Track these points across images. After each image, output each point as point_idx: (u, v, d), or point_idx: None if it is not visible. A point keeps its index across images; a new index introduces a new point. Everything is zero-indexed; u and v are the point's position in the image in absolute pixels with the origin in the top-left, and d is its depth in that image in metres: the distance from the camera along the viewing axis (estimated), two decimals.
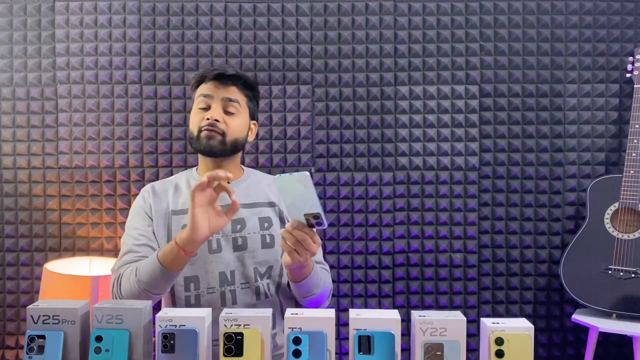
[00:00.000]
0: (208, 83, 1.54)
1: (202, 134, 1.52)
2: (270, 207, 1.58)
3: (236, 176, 1.61)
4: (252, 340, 1.05)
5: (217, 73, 1.53)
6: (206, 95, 1.53)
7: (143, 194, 1.61)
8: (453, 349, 1.04)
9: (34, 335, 1.07)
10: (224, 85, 1.54)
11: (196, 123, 1.54)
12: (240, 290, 1.51)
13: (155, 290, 1.37)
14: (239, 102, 1.55)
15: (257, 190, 1.60)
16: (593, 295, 2.04)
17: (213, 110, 1.52)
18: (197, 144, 1.54)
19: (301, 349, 1.04)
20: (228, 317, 1.07)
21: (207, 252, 1.50)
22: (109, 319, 1.08)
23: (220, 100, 1.53)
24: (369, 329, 1.05)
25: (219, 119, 1.51)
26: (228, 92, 1.54)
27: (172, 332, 1.05)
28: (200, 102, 1.54)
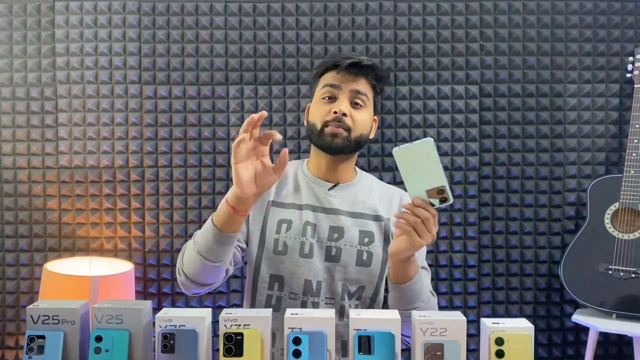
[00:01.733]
0: (337, 72, 1.39)
1: (327, 129, 1.39)
2: (376, 222, 1.44)
3: (348, 178, 1.49)
4: (252, 340, 1.05)
5: (351, 62, 1.38)
6: (333, 86, 1.40)
7: None
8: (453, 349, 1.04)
9: (34, 336, 1.07)
10: (354, 76, 1.40)
11: (321, 115, 1.40)
12: (323, 305, 1.39)
13: (213, 257, 1.25)
14: (367, 95, 1.42)
15: (365, 198, 1.46)
16: (593, 295, 2.04)
17: (340, 103, 1.39)
18: (319, 140, 1.41)
19: (301, 349, 1.04)
20: (228, 317, 1.06)
21: (297, 254, 1.40)
22: (109, 319, 1.08)
23: (348, 92, 1.40)
24: (369, 329, 1.05)
25: (346, 112, 1.38)
26: (357, 84, 1.40)
27: (172, 332, 1.05)
28: (326, 92, 1.41)
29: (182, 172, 2.27)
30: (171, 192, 2.27)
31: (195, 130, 2.27)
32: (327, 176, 1.47)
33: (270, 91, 2.27)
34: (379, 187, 1.53)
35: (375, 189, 1.51)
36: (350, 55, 1.41)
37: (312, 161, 1.50)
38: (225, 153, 2.27)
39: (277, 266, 1.40)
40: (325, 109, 1.40)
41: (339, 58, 1.40)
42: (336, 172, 1.46)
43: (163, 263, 2.27)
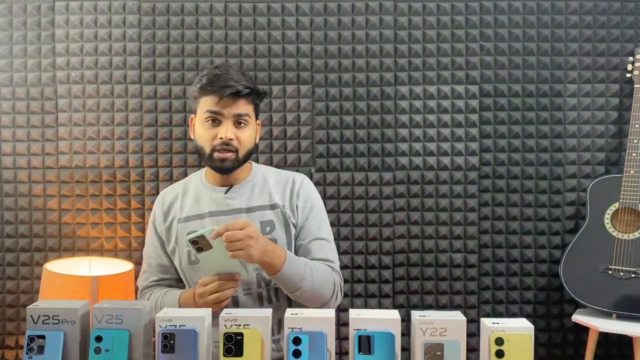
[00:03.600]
0: (217, 99, 1.47)
1: (215, 154, 1.48)
2: (273, 210, 1.54)
3: (241, 178, 1.58)
4: (252, 340, 1.05)
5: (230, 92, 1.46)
6: (215, 112, 1.48)
7: (155, 208, 1.62)
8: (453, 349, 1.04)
9: (34, 335, 1.07)
10: (234, 101, 1.47)
11: (207, 140, 1.49)
12: (242, 297, 1.50)
13: None
14: (248, 114, 1.51)
15: (261, 191, 1.57)
16: (593, 295, 2.04)
17: (225, 130, 1.47)
18: (210, 162, 1.51)
19: (301, 349, 1.04)
20: (228, 317, 1.07)
21: None
22: (109, 319, 1.08)
23: (231, 117, 1.48)
24: (369, 329, 1.05)
25: (232, 137, 1.47)
26: (238, 108, 1.48)
27: (172, 332, 1.05)
28: (209, 116, 1.49)
29: (182, 172, 2.27)
30: None
31: None
32: (222, 182, 1.57)
33: (271, 91, 2.27)
34: (273, 177, 1.61)
35: (270, 179, 1.60)
36: (228, 83, 1.46)
37: (208, 172, 1.61)
38: None
39: (195, 274, 1.51)
40: (211, 133, 1.49)
41: (217, 87, 1.46)
42: (230, 178, 1.56)
43: None
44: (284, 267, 1.39)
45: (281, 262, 1.39)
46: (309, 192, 1.59)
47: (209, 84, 1.48)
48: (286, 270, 1.39)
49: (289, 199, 1.56)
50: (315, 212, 1.57)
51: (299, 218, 1.55)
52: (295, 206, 1.55)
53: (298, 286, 1.42)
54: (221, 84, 1.46)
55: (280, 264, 1.39)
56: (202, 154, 1.52)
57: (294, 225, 1.55)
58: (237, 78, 1.48)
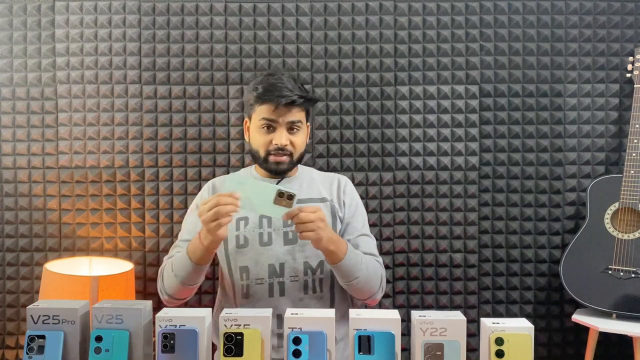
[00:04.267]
0: (273, 107, 1.56)
1: (271, 158, 1.60)
2: (322, 202, 1.64)
3: (291, 174, 1.70)
4: (252, 340, 1.05)
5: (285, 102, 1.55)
6: (270, 120, 1.58)
7: (203, 191, 1.71)
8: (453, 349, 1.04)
9: (34, 335, 1.07)
10: (288, 109, 1.57)
11: (262, 145, 1.60)
12: (289, 283, 1.58)
13: (191, 281, 1.50)
14: (301, 120, 1.61)
15: (309, 186, 1.68)
16: (593, 295, 2.04)
17: (280, 136, 1.58)
18: (264, 166, 1.63)
19: (301, 349, 1.04)
20: (228, 317, 1.07)
21: (258, 244, 1.59)
22: (109, 319, 1.09)
23: (285, 124, 1.58)
24: (369, 329, 1.05)
25: (286, 142, 1.58)
26: (292, 115, 1.58)
27: (172, 332, 1.05)
28: (264, 123, 1.59)
29: (182, 172, 2.27)
30: (171, 192, 2.27)
31: (195, 130, 2.27)
32: (273, 176, 1.68)
33: None
34: (319, 176, 1.75)
35: (316, 177, 1.73)
36: (283, 93, 1.55)
37: (259, 167, 1.70)
38: (225, 153, 2.27)
39: (242, 258, 1.59)
40: (266, 139, 1.60)
41: (274, 97, 1.55)
42: None
43: None
44: (346, 257, 1.48)
45: (344, 252, 1.47)
46: (353, 191, 1.73)
47: (265, 93, 1.57)
48: (347, 260, 1.48)
49: (336, 195, 1.67)
50: (360, 210, 1.70)
51: (345, 213, 1.67)
52: (342, 202, 1.67)
53: (355, 276, 1.51)
54: (277, 94, 1.55)
55: (343, 253, 1.47)
56: (257, 157, 1.63)
57: (340, 220, 1.65)
58: (292, 87, 1.57)
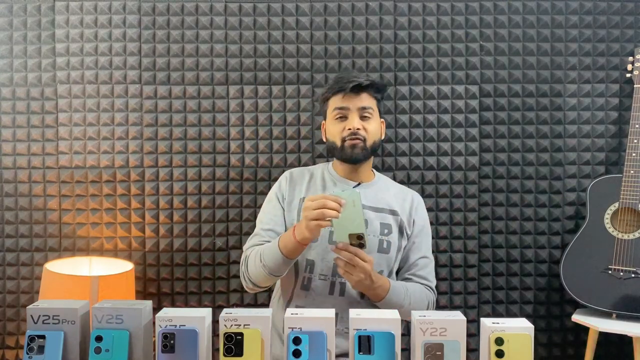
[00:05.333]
0: (343, 96, 1.62)
1: (346, 143, 1.62)
2: (392, 215, 1.66)
3: (368, 179, 1.72)
4: (252, 340, 1.05)
5: (353, 86, 1.60)
6: (342, 108, 1.63)
7: (281, 180, 1.73)
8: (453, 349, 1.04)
9: (34, 335, 1.07)
10: (358, 95, 1.62)
11: (337, 134, 1.64)
12: (317, 281, 1.61)
13: (278, 272, 1.54)
14: (371, 107, 1.64)
15: (384, 196, 1.69)
16: (593, 295, 2.04)
17: (352, 121, 1.62)
18: (342, 154, 1.64)
19: (301, 349, 1.04)
20: (228, 317, 1.07)
21: (327, 241, 1.60)
22: (109, 319, 1.09)
23: (356, 110, 1.62)
24: (369, 329, 1.05)
25: (359, 127, 1.61)
26: (362, 101, 1.63)
27: (172, 332, 1.05)
28: (337, 113, 1.64)
29: (182, 172, 2.27)
30: (171, 192, 2.27)
31: (195, 130, 2.27)
32: (351, 177, 1.70)
33: (270, 91, 2.27)
34: (394, 187, 1.76)
35: (391, 188, 1.74)
36: (351, 79, 1.62)
37: (337, 165, 1.72)
38: (225, 153, 2.27)
39: (309, 252, 1.61)
40: (340, 127, 1.64)
41: (342, 83, 1.62)
42: (358, 174, 1.70)
43: (163, 263, 2.27)
44: (386, 297, 1.52)
45: (385, 291, 1.52)
46: (424, 211, 1.75)
47: (335, 84, 1.65)
48: (388, 300, 1.52)
49: (407, 212, 1.69)
50: (427, 231, 1.73)
51: (413, 232, 1.69)
52: (412, 220, 1.69)
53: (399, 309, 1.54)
54: (345, 81, 1.63)
55: (384, 293, 1.51)
56: (334, 149, 1.65)
57: (407, 236, 1.67)
58: (358, 75, 1.64)
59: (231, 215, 2.27)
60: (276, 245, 1.52)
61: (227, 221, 2.27)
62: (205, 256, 2.28)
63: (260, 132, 2.27)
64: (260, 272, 1.55)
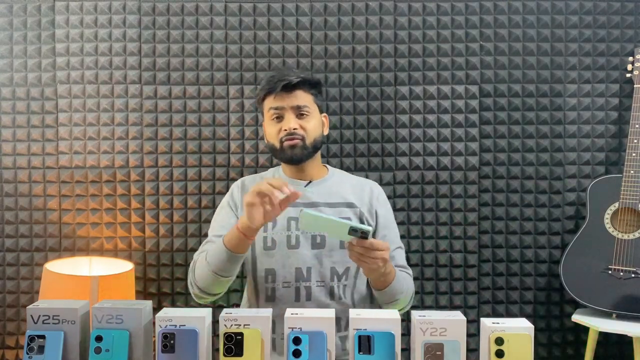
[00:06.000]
0: (275, 95, 1.58)
1: (285, 144, 1.58)
2: (350, 209, 1.63)
3: (320, 175, 1.68)
4: (252, 340, 1.05)
5: (283, 84, 1.56)
6: (277, 108, 1.59)
7: (233, 189, 1.69)
8: (453, 349, 1.04)
9: (34, 335, 1.07)
10: (291, 93, 1.58)
11: (275, 135, 1.60)
12: (315, 288, 1.57)
13: (224, 272, 1.46)
14: (307, 105, 1.60)
15: (339, 190, 1.65)
16: (593, 295, 2.04)
17: (288, 121, 1.58)
18: (282, 155, 1.60)
19: (301, 349, 1.04)
20: (228, 317, 1.07)
21: (285, 247, 1.58)
22: (109, 319, 1.09)
23: (291, 109, 1.58)
24: (369, 329, 1.05)
25: (295, 126, 1.57)
26: (296, 99, 1.58)
27: (172, 332, 1.05)
28: (272, 114, 1.60)
29: (182, 172, 2.27)
30: (171, 192, 2.27)
31: (195, 130, 2.27)
32: (299, 176, 1.66)
33: None
34: (350, 180, 1.72)
35: (346, 182, 1.70)
36: (282, 77, 1.58)
37: (284, 167, 1.69)
38: (225, 153, 2.27)
39: (269, 260, 1.58)
40: (277, 128, 1.60)
41: (273, 83, 1.58)
42: (305, 173, 1.66)
43: (163, 263, 2.27)
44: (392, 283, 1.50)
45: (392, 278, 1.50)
46: (386, 200, 1.71)
47: (266, 83, 1.60)
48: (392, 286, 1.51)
49: (367, 202, 1.65)
50: (392, 219, 1.70)
51: (379, 224, 1.65)
52: (374, 211, 1.65)
53: (396, 299, 1.54)
54: (275, 80, 1.58)
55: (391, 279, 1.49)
56: (275, 151, 1.61)
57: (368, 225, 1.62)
58: (289, 72, 1.60)
59: None
60: (221, 241, 1.46)
61: None
62: None
63: (260, 132, 2.27)
64: (206, 273, 1.48)
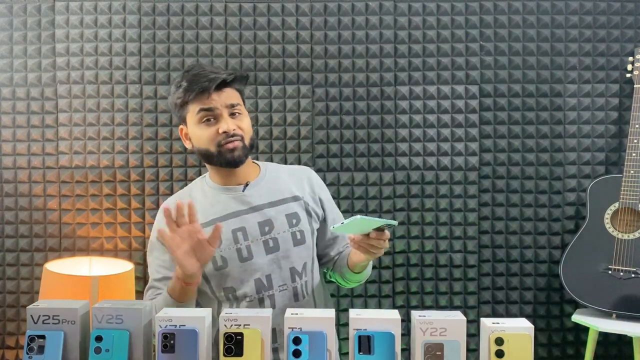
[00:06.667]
0: (206, 95, 1.41)
1: (224, 148, 1.43)
2: (296, 202, 1.52)
3: (254, 174, 1.54)
4: (252, 340, 1.05)
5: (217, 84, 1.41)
6: (208, 109, 1.42)
7: (157, 218, 1.52)
8: (453, 349, 1.04)
9: (34, 335, 1.07)
10: (222, 91, 1.43)
11: (210, 139, 1.43)
12: (278, 294, 1.47)
13: None
14: (239, 102, 1.47)
15: (278, 185, 1.53)
16: (593, 295, 2.04)
17: (225, 122, 1.42)
18: (220, 159, 1.45)
19: (301, 349, 1.04)
20: (228, 317, 1.07)
21: (238, 261, 1.45)
22: (109, 319, 1.08)
23: (224, 109, 1.43)
24: (369, 329, 1.05)
25: (234, 127, 1.43)
26: (229, 98, 1.44)
27: (172, 332, 1.05)
28: (203, 116, 1.43)
29: (182, 172, 2.27)
30: (171, 192, 2.27)
31: None
32: (232, 181, 1.51)
33: (270, 91, 2.27)
34: (284, 171, 1.60)
35: (282, 174, 1.58)
36: (210, 75, 1.41)
37: (213, 174, 1.53)
38: None
39: (224, 279, 1.46)
40: (210, 131, 1.43)
41: (203, 83, 1.40)
42: (241, 175, 1.51)
43: None
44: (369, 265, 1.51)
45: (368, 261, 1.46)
46: (322, 182, 1.63)
47: (193, 84, 1.42)
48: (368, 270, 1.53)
49: (309, 190, 1.55)
50: (332, 200, 1.63)
51: (326, 209, 1.58)
52: (317, 197, 1.56)
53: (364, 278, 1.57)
54: (205, 80, 1.41)
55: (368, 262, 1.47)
56: (209, 156, 1.46)
57: (317, 216, 1.55)
58: (215, 70, 1.45)
59: None
60: (165, 292, 1.37)
61: None
62: None
63: (260, 132, 2.27)
64: None
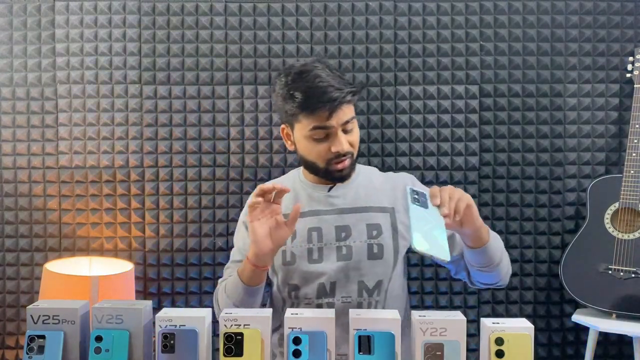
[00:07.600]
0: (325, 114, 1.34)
1: (333, 167, 1.39)
2: (382, 213, 1.45)
3: None
4: (252, 340, 1.05)
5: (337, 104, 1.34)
6: (324, 127, 1.36)
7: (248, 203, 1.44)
8: (453, 349, 1.04)
9: (34, 335, 1.07)
10: (340, 109, 1.36)
11: (320, 156, 1.39)
12: (339, 305, 1.40)
13: (246, 305, 1.34)
14: (353, 115, 1.41)
15: (367, 192, 1.47)
16: (593, 295, 2.04)
17: (340, 142, 1.36)
18: (326, 175, 1.42)
19: (301, 349, 1.04)
20: (228, 317, 1.07)
21: (306, 261, 1.42)
22: (109, 319, 1.09)
23: (340, 126, 1.37)
24: (369, 329, 1.05)
25: (347, 148, 1.38)
26: (345, 114, 1.37)
27: (172, 332, 1.05)
28: (316, 133, 1.37)
29: (182, 172, 2.27)
30: (171, 192, 2.27)
31: (195, 130, 2.27)
32: (324, 180, 1.47)
33: (271, 91, 2.27)
34: (379, 178, 1.53)
35: (375, 180, 1.51)
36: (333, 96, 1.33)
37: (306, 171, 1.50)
38: (225, 153, 2.27)
39: (290, 276, 1.44)
40: (322, 148, 1.39)
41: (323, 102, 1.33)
42: None
43: (163, 263, 2.27)
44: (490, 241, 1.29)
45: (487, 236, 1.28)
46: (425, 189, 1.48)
47: (310, 100, 1.34)
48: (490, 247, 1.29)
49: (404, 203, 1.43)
50: None
51: None
52: None
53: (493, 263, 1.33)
54: (326, 98, 1.33)
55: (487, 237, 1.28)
56: (315, 169, 1.43)
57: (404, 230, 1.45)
58: (337, 84, 1.35)
59: (231, 215, 2.27)
60: (236, 274, 1.36)
61: (227, 221, 2.27)
62: (205, 256, 2.28)
63: (260, 132, 2.27)
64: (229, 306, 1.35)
